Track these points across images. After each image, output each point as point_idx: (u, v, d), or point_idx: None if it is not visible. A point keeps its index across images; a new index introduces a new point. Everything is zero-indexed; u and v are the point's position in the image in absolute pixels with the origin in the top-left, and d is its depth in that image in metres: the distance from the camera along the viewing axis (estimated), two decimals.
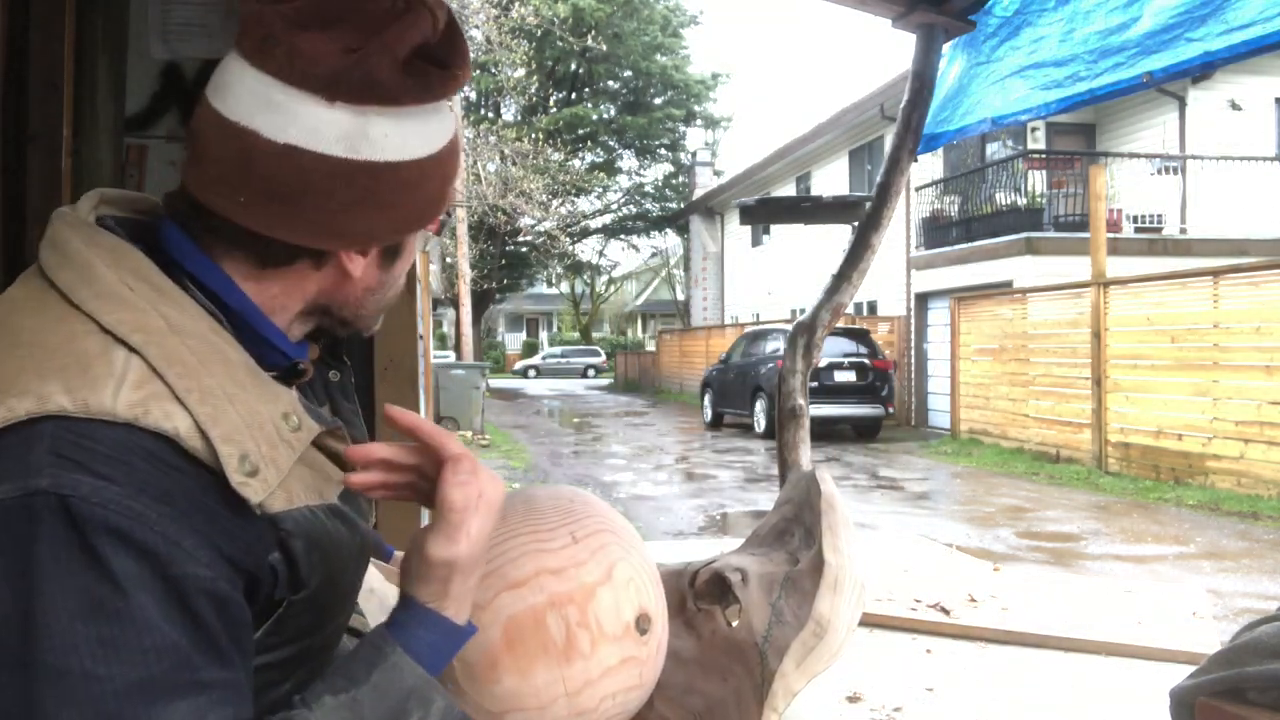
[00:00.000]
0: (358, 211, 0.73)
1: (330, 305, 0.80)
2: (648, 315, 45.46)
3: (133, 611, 0.59)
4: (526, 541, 0.84)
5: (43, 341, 0.65)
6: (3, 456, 0.61)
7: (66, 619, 0.58)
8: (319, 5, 0.71)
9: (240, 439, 0.66)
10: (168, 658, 0.60)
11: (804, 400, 3.25)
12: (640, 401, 22.97)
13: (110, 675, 0.58)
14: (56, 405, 0.62)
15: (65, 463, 0.60)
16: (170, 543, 0.61)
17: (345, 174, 0.71)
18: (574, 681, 0.81)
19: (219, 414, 0.66)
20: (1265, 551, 6.29)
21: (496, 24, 17.41)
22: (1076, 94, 2.59)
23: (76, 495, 0.60)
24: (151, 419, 0.63)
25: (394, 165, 0.73)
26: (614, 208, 32.11)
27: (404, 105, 0.73)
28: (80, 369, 0.64)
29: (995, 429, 11.91)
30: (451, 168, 0.79)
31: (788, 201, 12.02)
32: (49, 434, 0.61)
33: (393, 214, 0.75)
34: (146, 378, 0.65)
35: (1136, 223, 13.68)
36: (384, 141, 0.72)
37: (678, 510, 7.91)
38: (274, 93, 0.70)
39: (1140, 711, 1.54)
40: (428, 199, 0.77)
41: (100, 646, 0.58)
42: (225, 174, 0.71)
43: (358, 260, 0.77)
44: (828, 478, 1.00)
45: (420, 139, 0.74)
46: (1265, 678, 1.21)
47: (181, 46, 2.36)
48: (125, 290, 0.68)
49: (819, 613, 0.87)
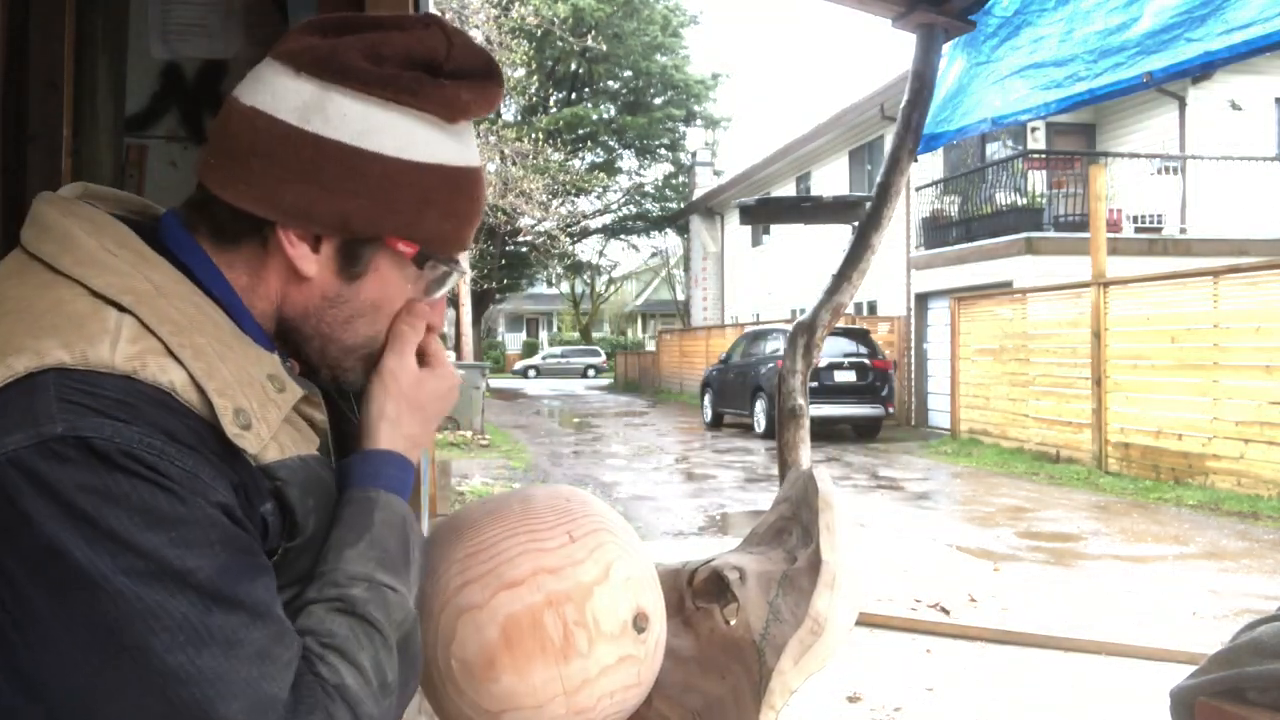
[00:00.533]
0: (297, 185, 0.72)
1: (295, 319, 0.78)
2: (648, 315, 45.48)
3: (193, 513, 0.62)
4: (524, 541, 0.84)
5: (30, 306, 0.65)
6: (6, 411, 0.61)
7: (137, 534, 0.60)
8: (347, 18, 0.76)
9: (233, 393, 0.68)
10: (235, 544, 0.64)
11: (804, 400, 3.25)
12: (640, 401, 22.98)
13: (198, 566, 0.61)
14: (55, 359, 0.62)
15: (75, 408, 0.61)
16: (191, 475, 0.63)
17: (292, 141, 0.71)
18: (572, 680, 0.82)
19: (212, 369, 0.67)
20: (1265, 551, 6.29)
21: (496, 24, 17.42)
22: (1076, 94, 2.59)
23: (99, 436, 0.60)
24: (148, 372, 0.64)
25: (344, 147, 0.72)
26: (614, 208, 32.11)
27: (372, 94, 0.72)
28: (74, 327, 0.64)
29: (995, 429, 11.91)
30: (437, 188, 0.76)
31: (788, 201, 12.03)
32: (52, 384, 0.61)
33: (335, 200, 0.73)
34: (140, 334, 0.65)
35: (1136, 223, 13.69)
36: (339, 121, 0.72)
37: (677, 510, 7.92)
38: (263, 68, 0.75)
39: (1140, 711, 1.54)
40: (387, 202, 0.74)
41: (177, 548, 0.61)
42: (212, 140, 0.75)
43: (303, 251, 0.74)
44: (825, 476, 1.00)
45: (391, 137, 0.73)
46: (1265, 678, 1.21)
47: (181, 46, 2.36)
48: (108, 256, 0.69)
49: (816, 611, 0.87)
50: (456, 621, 0.82)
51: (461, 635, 0.81)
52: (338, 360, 0.80)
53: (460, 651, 0.81)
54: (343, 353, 0.80)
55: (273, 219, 0.73)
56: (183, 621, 0.60)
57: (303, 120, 0.71)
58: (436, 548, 0.87)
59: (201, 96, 2.40)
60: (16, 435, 0.60)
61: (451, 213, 0.78)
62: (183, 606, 0.60)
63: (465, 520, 0.89)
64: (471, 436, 12.54)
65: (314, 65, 0.72)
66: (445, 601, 0.83)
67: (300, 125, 0.71)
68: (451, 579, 0.83)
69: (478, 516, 0.88)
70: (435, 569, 0.85)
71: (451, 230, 0.78)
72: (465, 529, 0.87)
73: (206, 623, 0.60)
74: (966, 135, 3.13)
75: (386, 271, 0.78)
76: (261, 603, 0.64)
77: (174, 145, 2.40)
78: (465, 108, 0.76)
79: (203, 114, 2.42)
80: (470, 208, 0.80)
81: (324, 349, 0.79)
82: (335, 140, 0.71)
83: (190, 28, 2.36)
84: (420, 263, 0.78)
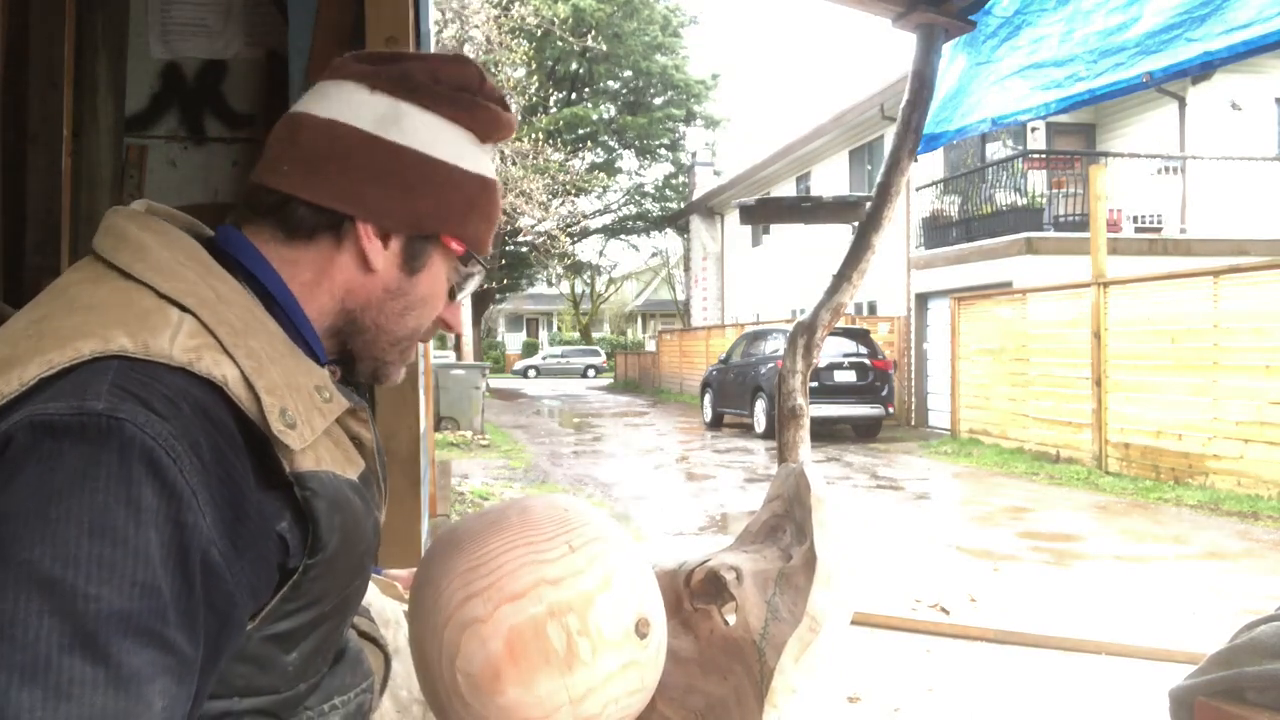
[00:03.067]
0: (376, 184, 0.82)
1: (355, 310, 0.85)
2: (648, 315, 45.48)
3: (138, 543, 0.60)
4: (524, 553, 0.84)
5: (100, 304, 0.70)
6: (65, 386, 0.64)
7: (75, 532, 0.58)
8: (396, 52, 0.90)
9: (281, 394, 0.72)
10: (150, 600, 0.60)
11: (804, 400, 3.25)
12: (640, 401, 22.98)
13: (98, 596, 0.58)
14: (119, 345, 0.66)
15: (125, 394, 0.64)
16: (191, 492, 0.64)
17: (371, 146, 0.82)
18: (577, 689, 0.82)
19: (262, 369, 0.72)
20: (1265, 551, 6.29)
21: (496, 24, 17.42)
22: (1076, 94, 2.59)
23: (133, 421, 0.62)
24: (204, 365, 0.68)
25: (418, 154, 0.83)
26: (614, 208, 32.11)
27: (439, 110, 0.85)
28: (139, 319, 0.69)
29: (995, 429, 11.91)
30: (479, 195, 0.87)
31: (788, 201, 12.01)
32: (114, 369, 0.65)
33: (410, 199, 0.83)
34: (199, 331, 0.70)
35: (1136, 223, 13.68)
36: (413, 132, 0.83)
37: (677, 510, 7.92)
38: (329, 87, 0.85)
39: (1140, 711, 1.54)
40: (448, 204, 0.85)
41: (98, 567, 0.58)
42: (278, 151, 0.83)
43: (376, 245, 0.83)
44: (816, 473, 1.01)
45: (450, 147, 0.85)
46: (1264, 678, 1.21)
47: (181, 46, 2.36)
48: (178, 266, 0.74)
49: (814, 608, 0.88)
50: (460, 636, 0.82)
51: (466, 649, 0.82)
52: (384, 352, 0.88)
53: (465, 665, 0.82)
54: (390, 344, 0.88)
55: (354, 215, 0.82)
56: (32, 641, 0.55)
57: (380, 129, 0.82)
58: (437, 561, 0.88)
59: (201, 96, 2.40)
60: (58, 403, 0.62)
61: (486, 217, 0.89)
62: (53, 624, 0.56)
63: (465, 533, 0.89)
64: (471, 436, 12.54)
65: (388, 83, 0.84)
66: (448, 616, 0.83)
67: (378, 134, 0.82)
68: (454, 593, 0.84)
69: (477, 529, 0.88)
70: (437, 583, 0.85)
71: (485, 234, 0.90)
72: (465, 542, 0.87)
73: (56, 659, 0.55)
74: (966, 135, 3.13)
75: (438, 269, 0.88)
76: (135, 675, 0.58)
77: (174, 145, 2.40)
78: (499, 128, 0.89)
79: (203, 114, 2.42)
80: (497, 215, 0.91)
81: (375, 340, 0.87)
82: (410, 148, 0.83)
83: (190, 27, 2.36)
84: (466, 261, 0.89)
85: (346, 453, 0.81)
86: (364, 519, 0.80)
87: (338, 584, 0.79)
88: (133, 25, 2.36)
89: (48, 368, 0.64)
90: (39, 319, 0.69)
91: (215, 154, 2.40)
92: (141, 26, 2.37)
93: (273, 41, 2.27)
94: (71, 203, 2.21)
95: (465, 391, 12.96)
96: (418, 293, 0.87)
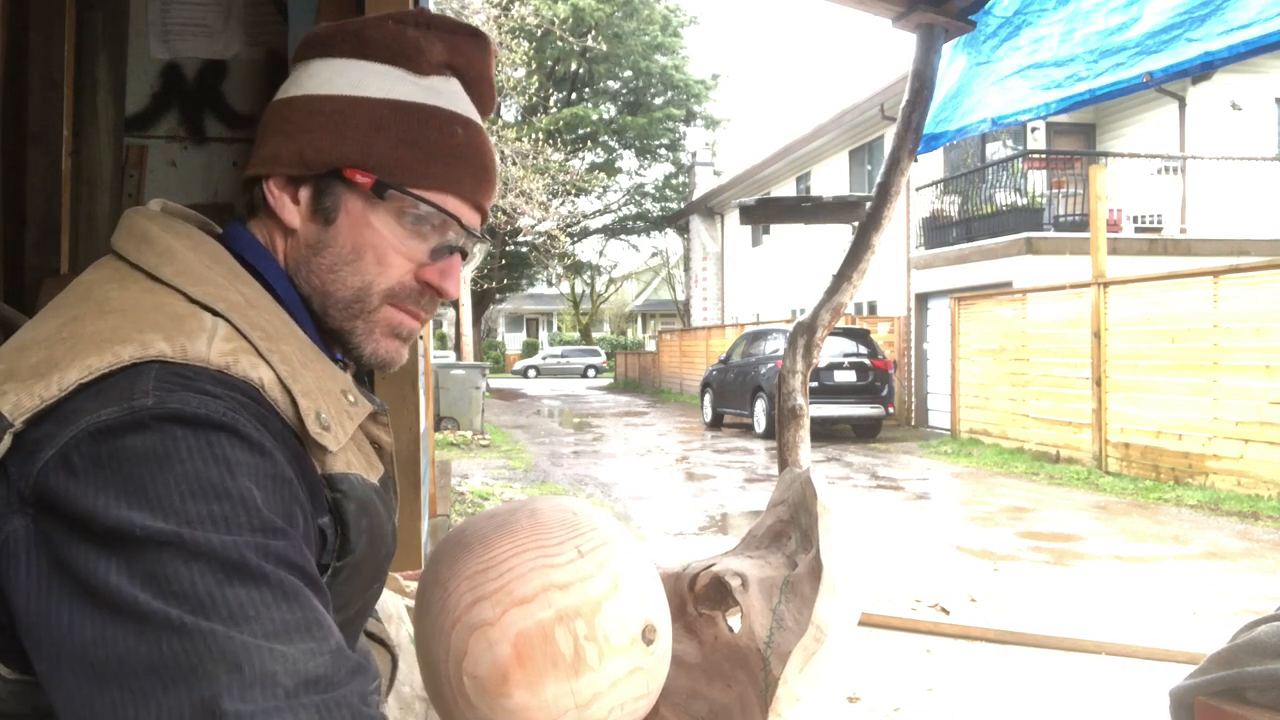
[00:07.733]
0: (275, 135, 0.81)
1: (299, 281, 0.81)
2: (648, 315, 45.49)
3: (240, 491, 0.61)
4: (534, 557, 0.84)
5: (133, 307, 0.69)
6: (108, 391, 0.63)
7: (179, 500, 0.59)
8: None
9: (315, 398, 0.72)
10: (271, 536, 0.62)
11: (804, 400, 3.25)
12: (640, 401, 22.98)
13: (224, 538, 0.59)
14: (158, 350, 0.65)
15: (172, 387, 0.64)
16: (271, 446, 0.65)
17: (277, 106, 0.83)
18: (583, 694, 0.82)
19: (296, 374, 0.72)
20: (1265, 551, 6.29)
21: (496, 24, 17.40)
22: (1076, 94, 2.59)
23: (186, 407, 0.62)
24: (240, 368, 0.68)
25: (306, 97, 0.81)
26: (614, 208, 32.11)
27: (338, 55, 0.82)
28: (175, 324, 0.68)
29: (995, 429, 11.91)
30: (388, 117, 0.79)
31: (788, 201, 12.00)
32: (154, 373, 0.65)
33: (295, 140, 0.80)
34: (233, 335, 0.70)
35: (1136, 223, 13.68)
36: (307, 79, 0.82)
37: (678, 510, 7.92)
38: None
39: (1140, 711, 1.54)
40: (339, 133, 0.79)
41: (212, 521, 0.59)
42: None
43: (284, 200, 0.80)
44: (823, 480, 1.00)
45: (347, 81, 0.81)
46: (1264, 678, 1.21)
47: (181, 46, 2.36)
48: (205, 270, 0.74)
49: (819, 618, 0.87)
50: (468, 639, 0.82)
51: (474, 652, 0.82)
52: (342, 323, 0.82)
53: (473, 668, 0.82)
54: (341, 312, 0.81)
55: (259, 173, 0.81)
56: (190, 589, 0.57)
57: (285, 92, 0.83)
58: (445, 562, 0.87)
59: (201, 96, 2.39)
60: (109, 409, 0.62)
61: (406, 140, 0.79)
62: (202, 566, 0.58)
63: (474, 534, 0.89)
64: (471, 436, 12.54)
65: (300, 50, 0.84)
66: (456, 619, 0.83)
67: (283, 96, 0.83)
68: (462, 596, 0.83)
69: (486, 531, 0.88)
70: (445, 585, 0.85)
71: (414, 161, 0.79)
72: (474, 544, 0.87)
73: (220, 593, 0.58)
74: (966, 135, 3.13)
75: (358, 213, 0.80)
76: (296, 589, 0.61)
77: (174, 145, 2.40)
78: (432, 55, 0.82)
79: (203, 114, 2.42)
80: (433, 138, 0.80)
81: (326, 310, 0.81)
82: (301, 94, 0.82)
83: (190, 27, 2.36)
84: (380, 192, 0.78)
85: (369, 457, 0.81)
86: (385, 523, 0.81)
87: (361, 587, 0.79)
88: (133, 25, 2.36)
89: (87, 373, 0.63)
90: (69, 320, 0.68)
91: (215, 154, 2.39)
92: (141, 26, 2.37)
93: (273, 41, 2.27)
94: (71, 203, 2.21)
95: (465, 391, 12.96)
96: (341, 244, 0.80)
